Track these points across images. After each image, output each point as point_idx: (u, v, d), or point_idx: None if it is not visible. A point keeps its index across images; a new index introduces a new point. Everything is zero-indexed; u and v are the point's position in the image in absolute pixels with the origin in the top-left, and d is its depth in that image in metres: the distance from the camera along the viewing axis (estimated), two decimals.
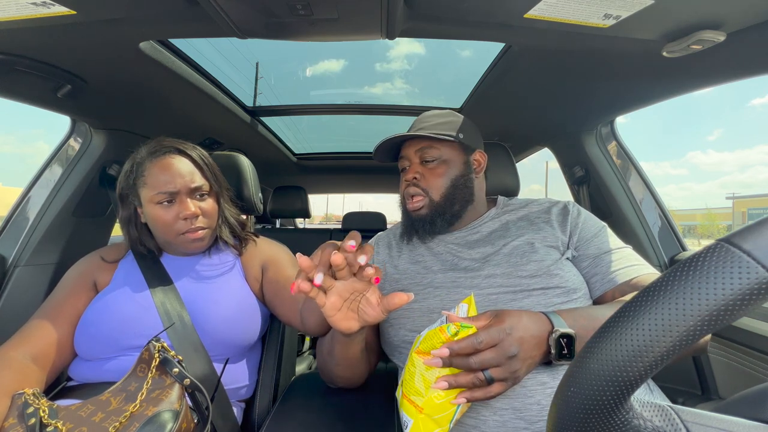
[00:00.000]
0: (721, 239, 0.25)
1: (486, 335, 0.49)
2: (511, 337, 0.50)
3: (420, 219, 0.79)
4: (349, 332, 0.56)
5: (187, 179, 0.78)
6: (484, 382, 0.48)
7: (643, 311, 0.26)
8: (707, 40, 0.69)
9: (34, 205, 1.10)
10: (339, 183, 3.24)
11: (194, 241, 0.80)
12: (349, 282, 0.53)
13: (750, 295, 0.23)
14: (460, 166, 0.79)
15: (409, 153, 0.81)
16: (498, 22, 0.72)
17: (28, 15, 0.65)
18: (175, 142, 0.83)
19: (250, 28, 0.72)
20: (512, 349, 0.49)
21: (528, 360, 0.51)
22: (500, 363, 0.49)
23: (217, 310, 0.78)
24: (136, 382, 0.62)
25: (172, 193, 0.77)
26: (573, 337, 0.52)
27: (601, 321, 0.55)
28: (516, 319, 0.52)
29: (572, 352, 0.52)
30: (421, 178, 0.78)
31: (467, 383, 0.48)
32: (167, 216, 0.77)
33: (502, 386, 0.50)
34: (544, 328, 0.53)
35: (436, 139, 0.78)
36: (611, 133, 1.36)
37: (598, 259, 0.70)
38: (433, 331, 0.52)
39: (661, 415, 0.29)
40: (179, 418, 0.58)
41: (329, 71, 1.88)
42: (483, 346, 0.48)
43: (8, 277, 1.02)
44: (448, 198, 0.78)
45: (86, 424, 0.57)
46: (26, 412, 0.57)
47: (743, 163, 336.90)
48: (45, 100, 0.95)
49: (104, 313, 0.74)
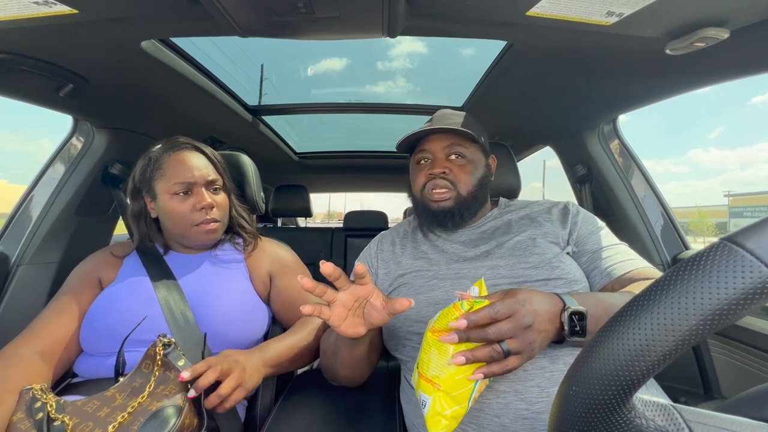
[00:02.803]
0: (724, 238, 0.25)
1: (502, 305, 0.49)
2: (525, 308, 0.50)
3: (445, 211, 0.79)
4: (357, 337, 0.57)
5: (204, 172, 0.82)
6: (501, 354, 0.48)
7: (645, 310, 0.26)
8: (711, 37, 0.69)
9: (37, 203, 1.10)
10: (341, 182, 3.24)
11: (207, 233, 0.83)
12: (351, 290, 0.54)
13: (753, 295, 0.23)
14: (483, 166, 0.82)
15: (435, 147, 0.81)
16: (500, 20, 0.72)
17: (30, 14, 0.65)
18: (190, 139, 0.87)
19: (251, 26, 0.72)
20: (527, 319, 0.49)
21: (542, 333, 0.51)
22: (516, 334, 0.49)
23: (219, 308, 0.79)
24: (141, 378, 0.64)
25: (190, 183, 0.80)
26: (584, 314, 0.52)
27: (609, 303, 0.56)
28: (528, 294, 0.52)
29: (584, 330, 0.52)
30: (450, 172, 0.79)
31: (484, 356, 0.48)
32: (183, 207, 0.80)
33: (518, 359, 0.49)
34: (555, 304, 0.53)
35: (464, 137, 0.79)
36: (614, 131, 1.36)
37: (596, 254, 0.73)
38: (447, 309, 0.52)
39: (664, 415, 0.29)
40: (182, 414, 0.59)
41: (331, 70, 1.88)
42: (500, 316, 0.48)
43: (11, 276, 1.03)
44: (473, 195, 0.79)
45: (92, 419, 0.59)
46: (34, 407, 0.59)
47: (744, 160, 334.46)
48: (47, 100, 0.96)
49: (107, 307, 0.76)
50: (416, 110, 1.59)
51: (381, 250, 0.88)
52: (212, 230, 0.83)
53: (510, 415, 0.58)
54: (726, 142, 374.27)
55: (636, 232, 1.29)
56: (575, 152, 1.45)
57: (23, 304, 1.03)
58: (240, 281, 0.86)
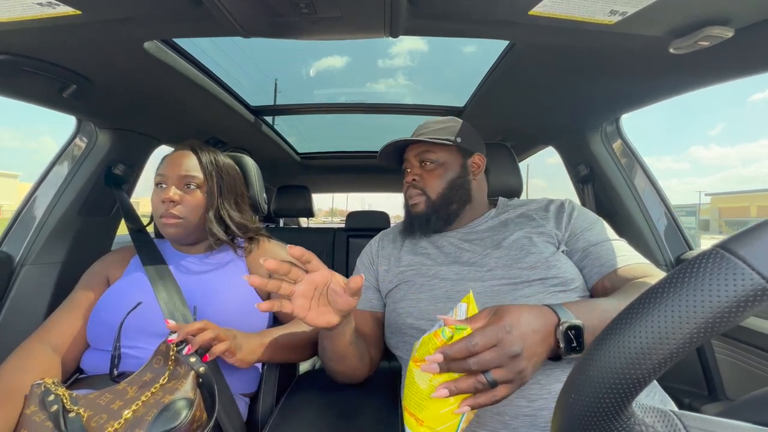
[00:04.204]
0: (717, 245, 0.25)
1: (481, 336, 0.46)
2: (511, 335, 0.46)
3: (417, 216, 0.84)
4: (331, 326, 0.57)
5: (180, 168, 0.85)
6: (486, 385, 0.45)
7: (640, 318, 0.26)
8: (715, 36, 0.68)
9: (41, 204, 1.11)
10: (343, 182, 3.24)
11: (166, 227, 0.85)
12: (306, 278, 0.53)
13: (745, 302, 0.23)
14: (457, 168, 0.84)
15: (410, 157, 0.87)
16: (502, 19, 0.72)
17: (34, 15, 0.66)
18: (194, 141, 0.91)
19: (253, 27, 0.72)
20: (514, 348, 0.46)
21: (533, 358, 0.48)
22: (502, 363, 0.46)
23: (219, 305, 0.81)
24: (151, 372, 0.66)
25: (163, 176, 0.85)
26: (581, 328, 0.49)
27: (604, 310, 0.54)
28: (516, 316, 0.48)
29: (582, 345, 0.48)
30: (420, 179, 0.83)
31: (469, 388, 0.45)
32: (155, 197, 0.86)
33: (507, 389, 0.46)
34: (549, 321, 0.50)
35: (434, 144, 0.83)
36: (616, 131, 1.35)
37: (587, 251, 0.72)
38: (428, 336, 0.49)
39: (664, 421, 0.29)
40: (194, 406, 0.60)
41: (332, 68, 1.89)
42: (479, 348, 0.45)
43: (15, 276, 1.04)
44: (445, 198, 0.82)
45: (106, 412, 0.60)
46: (47, 400, 0.60)
47: (745, 157, 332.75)
48: (51, 101, 0.96)
49: (112, 300, 0.79)
50: (418, 110, 1.58)
51: (382, 248, 0.89)
52: (171, 224, 0.83)
53: (510, 412, 0.58)
54: (727, 139, 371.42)
55: (639, 232, 1.28)
56: (578, 152, 1.44)
57: (27, 303, 1.04)
58: (239, 279, 0.87)
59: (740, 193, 38.73)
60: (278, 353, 0.78)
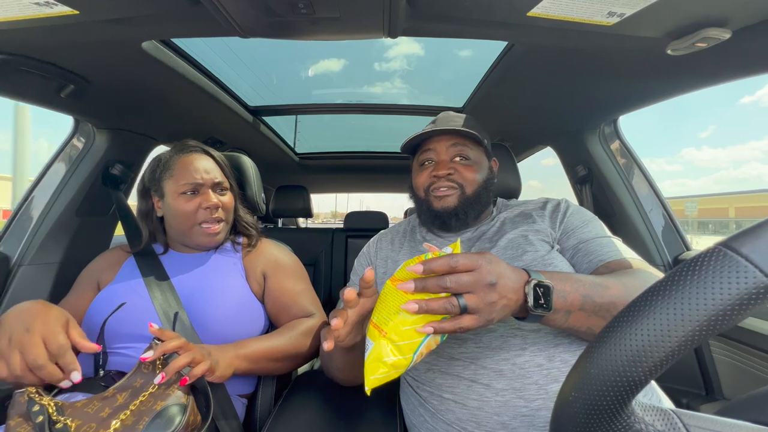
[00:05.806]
0: (720, 243, 0.25)
1: (464, 257, 0.46)
2: (490, 266, 0.47)
3: (449, 211, 0.78)
4: (354, 344, 0.58)
5: (212, 174, 0.87)
6: (457, 308, 0.45)
7: (642, 316, 0.26)
8: (712, 37, 0.69)
9: (38, 204, 1.11)
10: (341, 182, 3.24)
11: (209, 235, 0.86)
12: (358, 308, 0.54)
13: (748, 300, 0.23)
14: (486, 169, 0.82)
15: (440, 147, 0.80)
16: (500, 20, 0.72)
17: (31, 15, 0.65)
18: (198, 143, 0.92)
19: (252, 27, 0.72)
20: (491, 277, 0.46)
21: (504, 299, 0.48)
22: (476, 289, 0.46)
23: (215, 305, 0.80)
24: (141, 378, 0.63)
25: (198, 184, 0.85)
26: (550, 287, 0.50)
27: (577, 279, 0.55)
28: (496, 258, 0.50)
29: (549, 303, 0.50)
30: (455, 173, 0.79)
31: (438, 308, 0.45)
32: (189, 206, 0.84)
33: (473, 320, 0.46)
34: (520, 276, 0.51)
35: (469, 139, 0.80)
36: (614, 132, 1.35)
37: (577, 248, 0.72)
38: (411, 259, 0.50)
39: (663, 419, 0.29)
40: (187, 412, 0.59)
41: (329, 70, 1.88)
42: (460, 267, 0.46)
43: (12, 276, 1.03)
44: (478, 195, 0.79)
45: (95, 420, 0.58)
46: (32, 410, 0.56)
47: (737, 159, 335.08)
48: (48, 101, 0.96)
49: (104, 304, 0.78)
50: (417, 111, 1.58)
51: (380, 249, 0.89)
52: (216, 231, 0.87)
53: (509, 412, 0.58)
54: (718, 141, 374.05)
55: (637, 232, 1.29)
56: (576, 153, 1.45)
57: None
58: (236, 280, 0.87)
59: (720, 195, 40.20)
60: (257, 364, 0.76)
